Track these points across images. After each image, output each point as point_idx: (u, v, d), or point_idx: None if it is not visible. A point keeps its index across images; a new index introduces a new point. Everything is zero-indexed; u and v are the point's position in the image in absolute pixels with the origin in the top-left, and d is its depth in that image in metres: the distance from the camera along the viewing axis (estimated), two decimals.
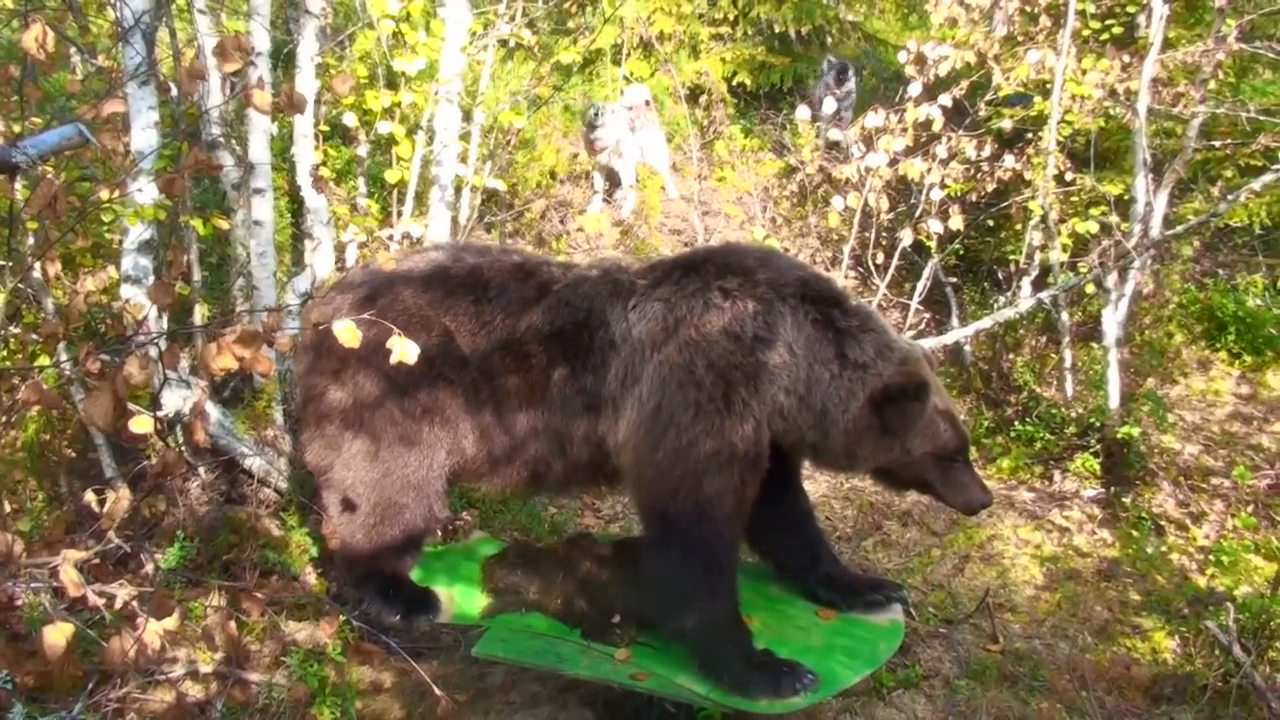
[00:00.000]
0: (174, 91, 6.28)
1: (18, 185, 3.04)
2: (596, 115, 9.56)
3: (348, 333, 2.78)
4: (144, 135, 5.45)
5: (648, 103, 10.27)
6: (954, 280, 9.12)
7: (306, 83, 6.15)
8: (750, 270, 4.54)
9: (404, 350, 2.89)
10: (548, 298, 4.77)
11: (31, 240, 5.62)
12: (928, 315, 8.88)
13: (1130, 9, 8.77)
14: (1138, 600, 6.00)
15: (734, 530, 4.57)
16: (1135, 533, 6.59)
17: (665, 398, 4.41)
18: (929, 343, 7.66)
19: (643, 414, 4.48)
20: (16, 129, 5.20)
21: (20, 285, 5.98)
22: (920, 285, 8.24)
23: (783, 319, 4.41)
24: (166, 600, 2.51)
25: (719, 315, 4.42)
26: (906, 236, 7.90)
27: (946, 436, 4.56)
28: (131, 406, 2.69)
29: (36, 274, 5.38)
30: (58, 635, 2.35)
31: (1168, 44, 7.83)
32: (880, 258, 8.17)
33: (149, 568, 5.62)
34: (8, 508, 5.77)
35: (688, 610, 4.49)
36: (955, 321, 8.66)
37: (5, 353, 5.47)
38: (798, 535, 5.10)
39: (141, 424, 2.67)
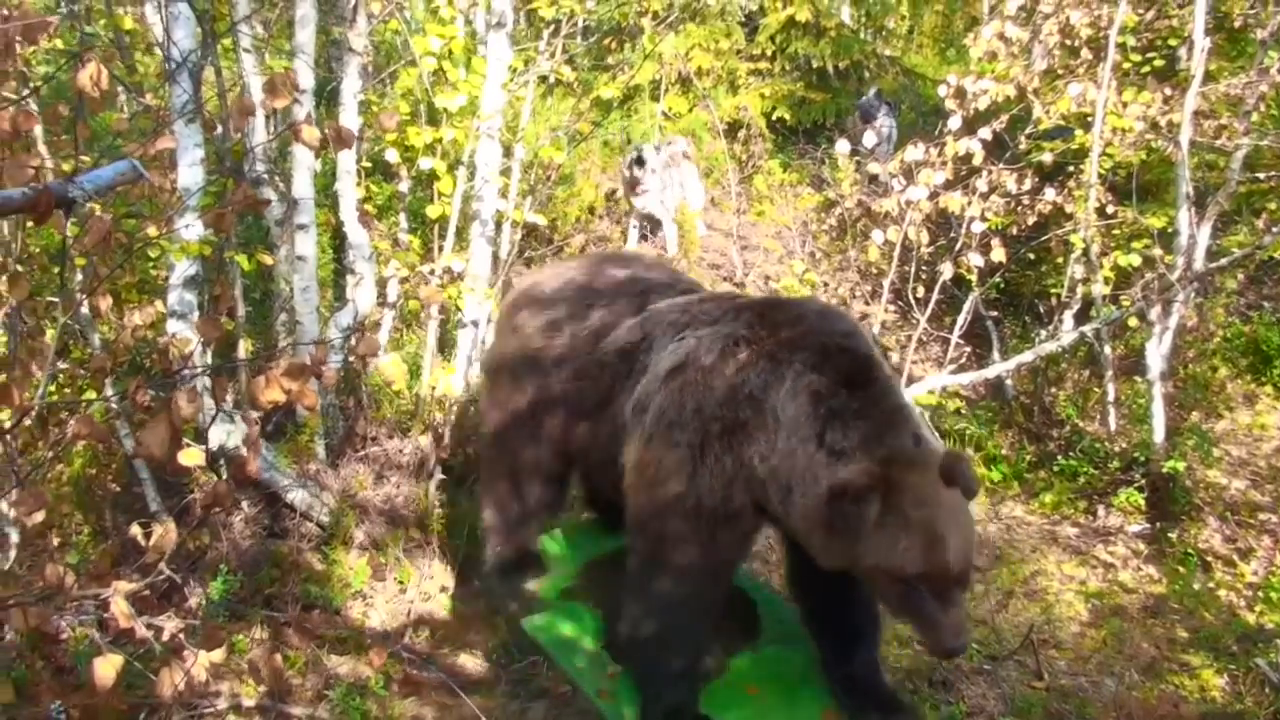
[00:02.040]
0: (219, 129, 6.38)
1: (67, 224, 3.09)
2: (639, 158, 9.62)
3: (393, 366, 2.80)
4: (190, 172, 5.52)
5: (686, 154, 10.34)
6: (994, 314, 9.07)
7: (350, 119, 6.22)
8: (781, 324, 4.33)
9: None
10: (638, 316, 4.85)
11: (80, 276, 5.71)
12: (968, 349, 8.83)
13: (1171, 42, 8.74)
14: (1185, 637, 5.92)
15: (699, 583, 4.37)
16: (1181, 569, 6.51)
17: (657, 431, 4.36)
18: (969, 377, 7.64)
19: (640, 442, 4.44)
20: (67, 166, 5.29)
21: (69, 321, 6.07)
22: (961, 319, 8.19)
23: (781, 382, 4.13)
24: (216, 633, 2.52)
25: (727, 364, 4.26)
26: (947, 270, 7.86)
27: (906, 558, 3.80)
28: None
29: (84, 310, 5.45)
30: (108, 668, 2.37)
31: (1209, 76, 7.78)
32: (920, 291, 8.13)
33: (193, 601, 5.67)
34: (55, 541, 5.83)
35: (634, 647, 4.51)
36: (996, 355, 8.61)
37: (54, 388, 5.53)
38: (841, 624, 4.68)
39: (191, 456, 2.69)
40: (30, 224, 4.33)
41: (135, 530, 4.28)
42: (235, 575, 5.93)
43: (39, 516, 2.55)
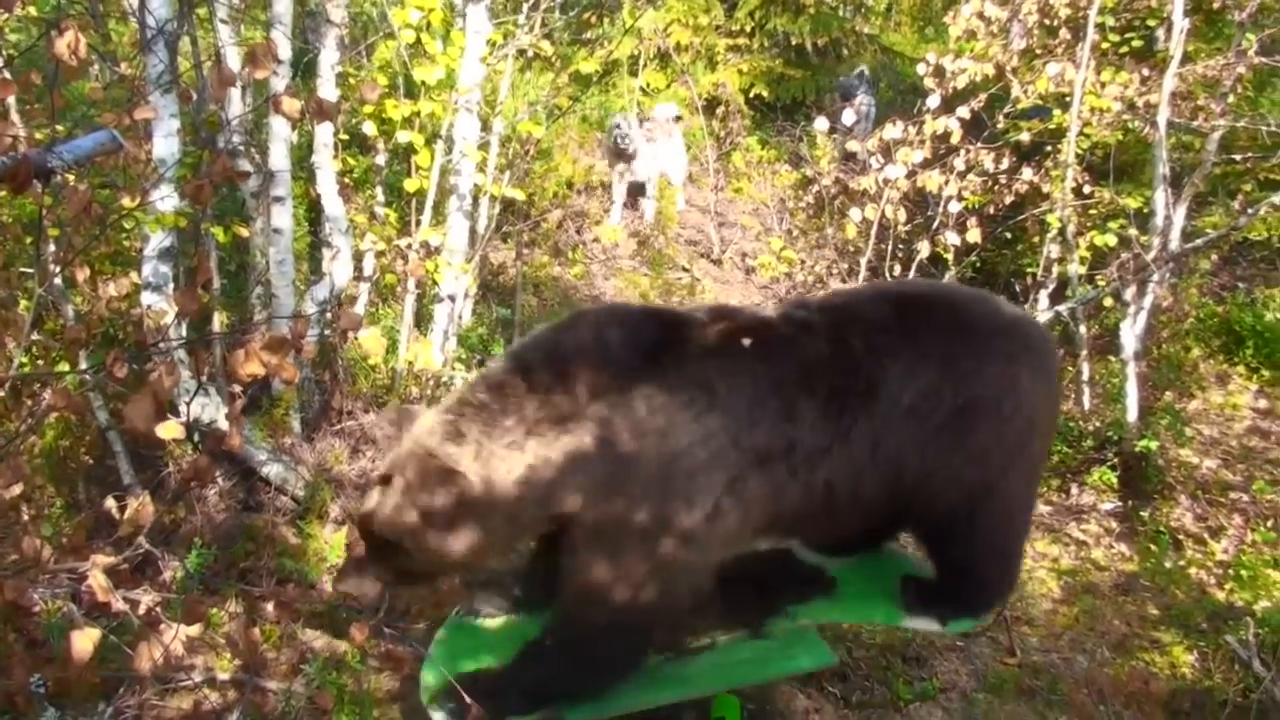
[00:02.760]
0: (195, 99, 6.31)
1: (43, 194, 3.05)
2: (622, 126, 9.60)
3: (372, 341, 2.79)
4: (166, 143, 5.46)
5: (678, 118, 10.30)
6: None
7: (328, 91, 6.15)
8: None
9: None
10: None
11: (52, 247, 5.65)
12: None
13: (1150, 23, 8.76)
14: (1156, 615, 5.98)
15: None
16: (1153, 547, 6.57)
17: None
18: None
19: None
20: (40, 135, 5.24)
21: (42, 292, 6.02)
22: None
23: None
24: (196, 607, 2.51)
25: None
26: (924, 249, 7.88)
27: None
28: None
29: (58, 281, 5.40)
30: (85, 641, 2.35)
31: (1187, 58, 7.81)
32: (897, 270, 8.15)
33: (167, 574, 5.64)
34: (27, 514, 5.79)
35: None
36: None
37: (26, 359, 5.48)
38: None
39: (170, 430, 2.67)
40: (1, 194, 4.29)
41: (110, 503, 4.27)
42: (209, 549, 5.91)
43: (16, 490, 2.53)
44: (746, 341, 4.03)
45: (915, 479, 4.12)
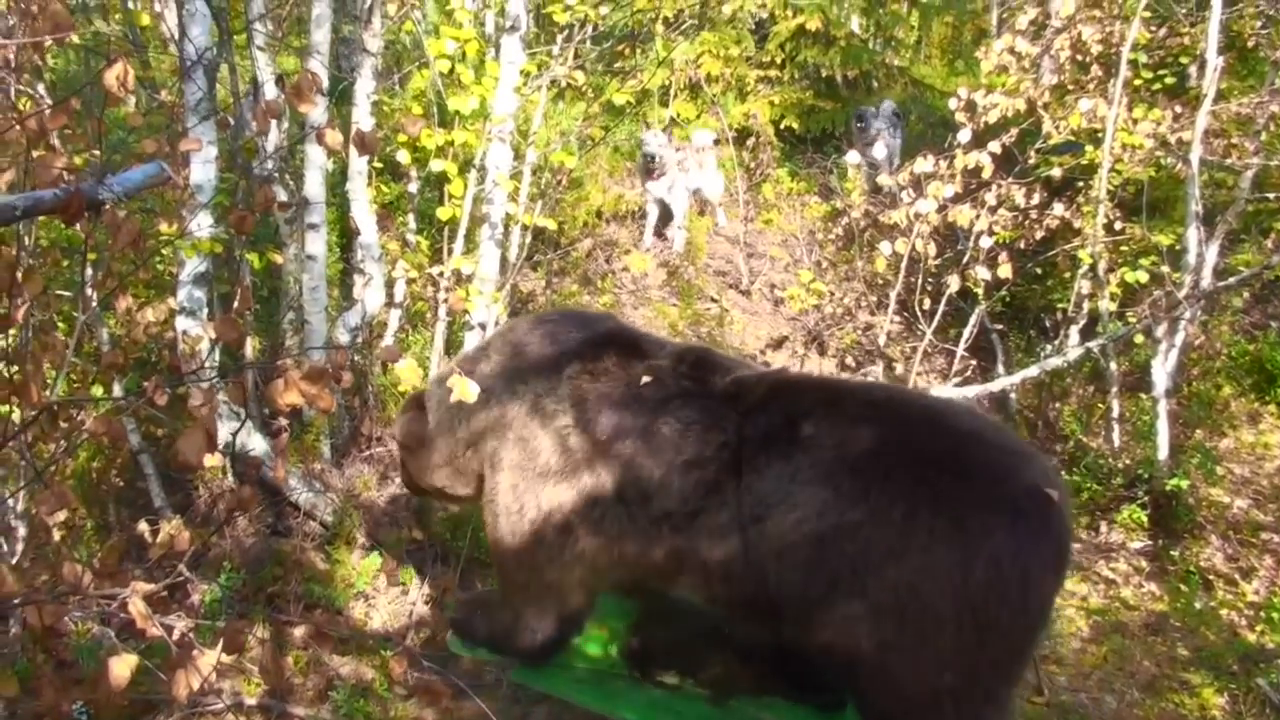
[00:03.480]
0: (231, 127, 6.38)
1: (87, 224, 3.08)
2: (650, 143, 9.65)
3: (409, 371, 2.80)
4: (203, 170, 5.52)
5: (717, 142, 10.36)
6: (999, 327, 9.08)
7: (364, 119, 6.21)
8: None
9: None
10: None
11: (89, 271, 5.71)
12: (973, 362, 8.83)
13: (1183, 59, 8.75)
14: (1186, 655, 5.92)
15: None
16: (1184, 587, 6.52)
17: None
18: (973, 390, 7.64)
19: None
20: (79, 160, 5.30)
21: (85, 318, 6.08)
22: (966, 332, 8.19)
23: None
24: (237, 635, 2.52)
25: None
26: (953, 283, 7.86)
27: None
28: None
29: (93, 305, 5.44)
30: (123, 667, 2.37)
31: (1221, 95, 7.78)
32: (926, 303, 8.13)
33: (196, 598, 5.67)
34: (57, 535, 5.83)
35: None
36: (1001, 369, 8.61)
37: (64, 385, 5.54)
38: None
39: (212, 460, 2.70)
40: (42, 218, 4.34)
41: (143, 527, 4.31)
42: (238, 573, 5.94)
43: (60, 515, 2.55)
44: (645, 379, 4.17)
45: (793, 597, 3.79)
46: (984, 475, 3.60)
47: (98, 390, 5.71)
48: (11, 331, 3.60)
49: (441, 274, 6.77)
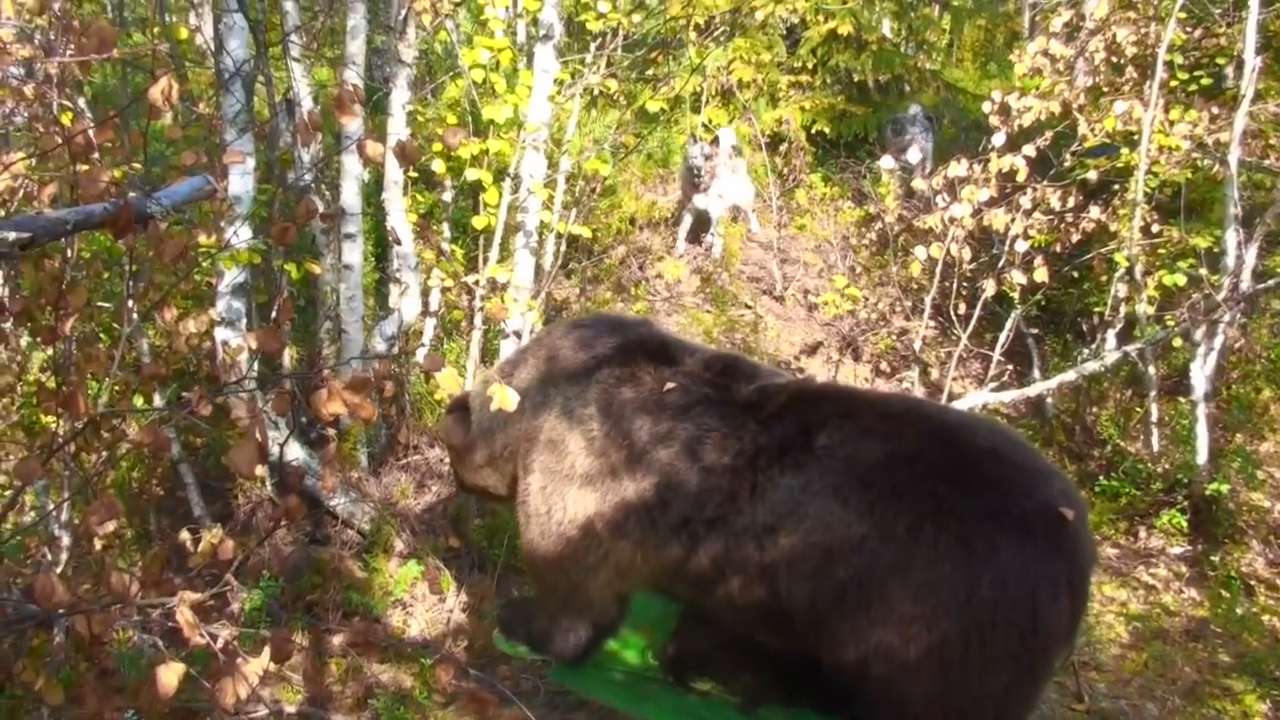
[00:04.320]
0: (268, 138, 6.44)
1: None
2: (696, 156, 9.64)
3: (450, 380, 2.82)
4: (241, 181, 5.57)
5: (735, 147, 10.33)
6: (1035, 331, 9.03)
7: (399, 129, 6.25)
8: None
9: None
10: None
11: (131, 284, 5.77)
12: (1009, 367, 8.78)
13: (1219, 60, 8.68)
14: (1228, 662, 5.87)
15: None
16: (1224, 592, 6.46)
17: None
18: (1010, 395, 7.60)
19: None
20: (118, 173, 5.35)
21: (117, 326, 6.14)
22: (1003, 336, 8.15)
23: None
24: (285, 644, 2.54)
25: None
26: (989, 287, 7.82)
27: None
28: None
29: (134, 316, 5.50)
30: (170, 676, 2.39)
31: (1259, 96, 7.72)
32: (961, 308, 8.10)
33: (235, 605, 5.71)
34: (98, 545, 5.88)
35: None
36: (1037, 373, 8.57)
37: (106, 394, 5.60)
38: None
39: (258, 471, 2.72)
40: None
41: (184, 536, 4.34)
42: (277, 581, 5.98)
43: (109, 526, 2.58)
44: (669, 386, 4.20)
45: (803, 609, 3.78)
46: (994, 492, 3.57)
47: (139, 401, 5.77)
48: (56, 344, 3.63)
49: (477, 282, 6.80)
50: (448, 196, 7.68)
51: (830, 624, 3.70)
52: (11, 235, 2.00)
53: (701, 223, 10.13)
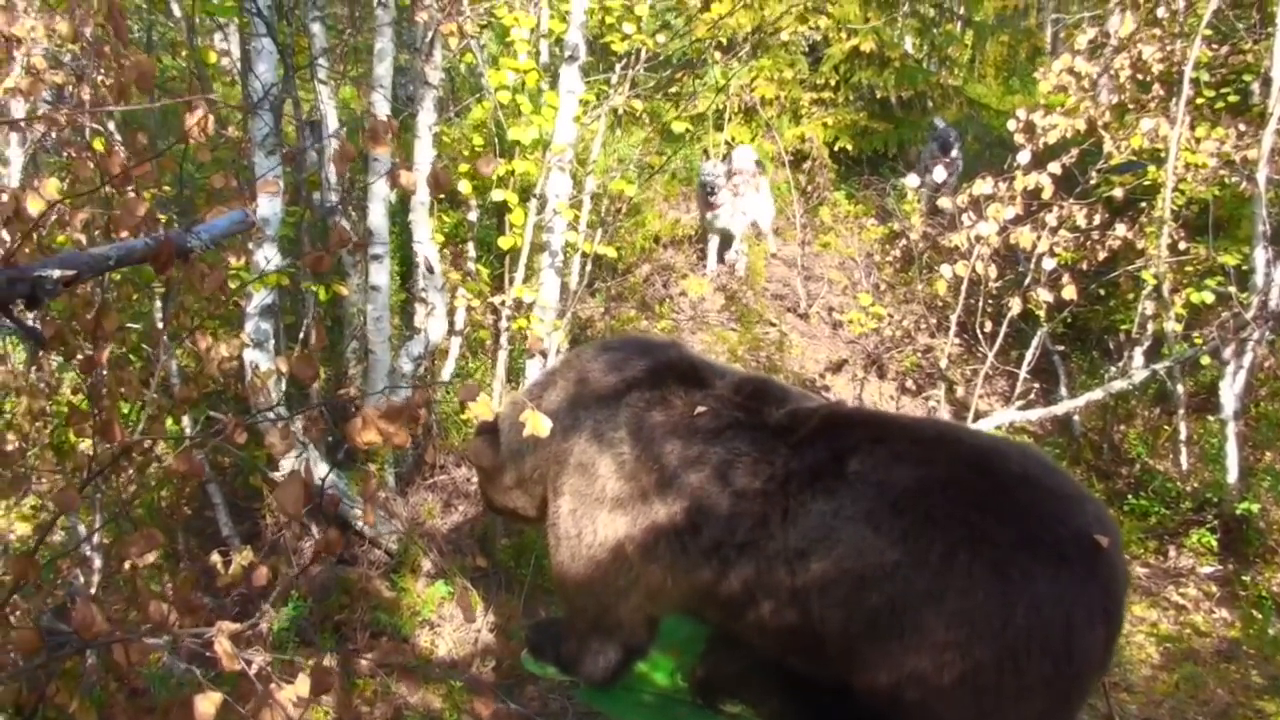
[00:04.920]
0: (296, 160, 6.47)
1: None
2: (709, 173, 9.66)
3: (483, 405, 2.83)
4: (269, 203, 5.59)
5: (758, 163, 10.34)
6: (1061, 348, 8.99)
7: (425, 151, 6.28)
8: None
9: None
10: None
11: (159, 306, 5.85)
12: (1036, 385, 8.74)
13: (1246, 77, 8.65)
14: (1260, 684, 5.83)
15: None
16: (1256, 613, 6.41)
17: None
18: (1037, 414, 7.58)
19: None
20: (147, 195, 5.39)
21: (145, 347, 6.18)
22: (1029, 354, 8.12)
23: None
24: (326, 676, 2.55)
25: None
26: (1015, 305, 7.80)
27: None
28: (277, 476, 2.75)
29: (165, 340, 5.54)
30: (208, 705, 2.40)
31: None
32: (987, 326, 8.07)
33: (264, 625, 5.72)
34: (127, 565, 5.91)
35: None
36: (1063, 391, 8.54)
37: (134, 414, 5.64)
38: None
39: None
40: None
41: (215, 559, 4.36)
42: (305, 601, 6.00)
43: (150, 558, 2.59)
44: (699, 409, 4.17)
45: (835, 634, 3.73)
46: (1028, 519, 3.52)
47: (170, 424, 5.80)
48: None
49: (503, 303, 6.82)
50: (473, 216, 7.70)
51: (862, 650, 3.67)
52: (56, 273, 2.02)
53: (724, 240, 10.15)
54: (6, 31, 3.27)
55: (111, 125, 6.10)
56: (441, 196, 7.47)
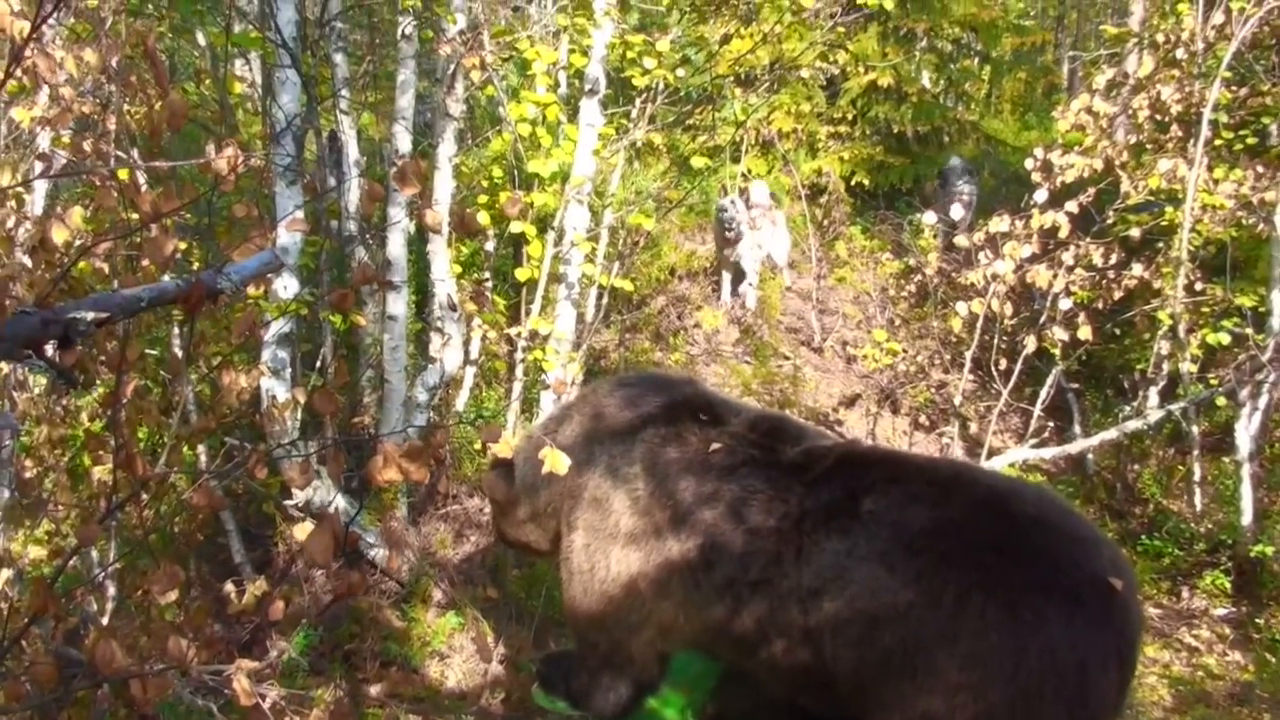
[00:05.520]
0: (318, 190, 6.50)
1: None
2: (728, 209, 9.68)
3: (504, 446, 2.83)
4: (289, 233, 5.61)
5: (773, 196, 10.36)
6: (1076, 386, 8.98)
7: (445, 183, 6.31)
8: None
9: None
10: None
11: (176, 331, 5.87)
12: (1050, 423, 8.72)
13: (1264, 119, 8.65)
14: None
15: None
16: (1270, 656, 6.39)
17: None
18: (1050, 452, 7.57)
19: None
20: (169, 223, 5.42)
21: (163, 374, 6.21)
22: (1044, 392, 8.11)
23: None
24: (346, 713, 2.55)
25: None
26: (1030, 343, 7.79)
27: None
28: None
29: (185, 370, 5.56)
30: None
31: None
32: (1002, 363, 8.07)
33: (272, 653, 5.72)
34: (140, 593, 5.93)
35: None
36: (1077, 429, 8.52)
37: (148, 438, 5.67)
38: None
39: (304, 529, 2.74)
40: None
41: (229, 588, 4.36)
42: (315, 630, 5.99)
43: (172, 596, 2.60)
44: (714, 446, 4.19)
45: (847, 674, 3.73)
46: (1042, 562, 3.52)
47: (185, 452, 5.81)
48: None
49: (519, 334, 6.83)
50: (490, 246, 7.72)
51: (875, 690, 3.67)
52: (90, 315, 2.04)
53: (737, 274, 10.17)
54: (42, 68, 3.30)
55: (136, 153, 6.14)
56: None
